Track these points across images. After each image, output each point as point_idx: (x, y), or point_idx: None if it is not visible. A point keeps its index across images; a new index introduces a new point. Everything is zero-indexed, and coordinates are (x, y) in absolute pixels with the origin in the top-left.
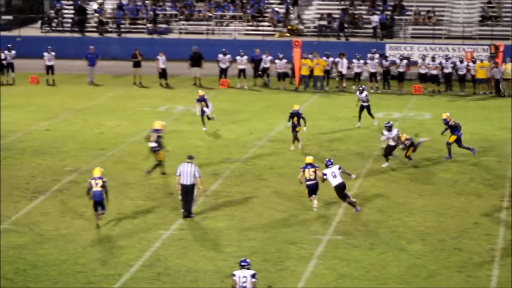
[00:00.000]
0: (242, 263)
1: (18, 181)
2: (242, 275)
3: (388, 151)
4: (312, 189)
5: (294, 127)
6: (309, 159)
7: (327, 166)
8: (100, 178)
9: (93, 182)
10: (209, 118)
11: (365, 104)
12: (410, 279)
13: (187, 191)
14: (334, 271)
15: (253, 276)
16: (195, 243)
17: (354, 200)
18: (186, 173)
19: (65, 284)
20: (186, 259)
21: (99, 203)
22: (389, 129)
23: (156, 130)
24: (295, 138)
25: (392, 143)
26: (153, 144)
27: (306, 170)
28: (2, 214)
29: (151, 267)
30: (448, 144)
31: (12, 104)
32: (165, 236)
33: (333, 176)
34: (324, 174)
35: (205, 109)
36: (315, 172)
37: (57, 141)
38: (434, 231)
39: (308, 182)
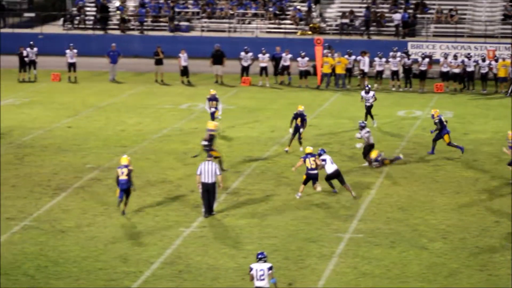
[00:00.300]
0: (259, 256)
1: (40, 178)
2: (259, 269)
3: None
4: (314, 178)
5: (296, 129)
6: (308, 149)
7: (320, 155)
8: (126, 166)
9: (119, 170)
10: (214, 118)
11: (368, 104)
12: (431, 278)
13: (209, 190)
14: (355, 269)
15: (269, 268)
16: (216, 241)
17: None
18: (207, 171)
19: (86, 281)
20: (207, 257)
21: (125, 191)
22: (361, 128)
23: (210, 130)
24: (294, 139)
25: (370, 142)
26: (204, 143)
27: (307, 160)
28: (24, 211)
29: (172, 265)
30: (448, 144)
31: (34, 101)
32: (186, 234)
33: (331, 162)
34: (324, 160)
35: (213, 109)
36: (315, 161)
37: (79, 138)
38: (455, 229)
39: (310, 171)
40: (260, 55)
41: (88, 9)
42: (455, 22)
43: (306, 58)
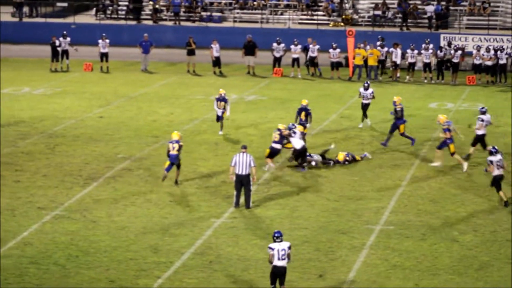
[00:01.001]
0: (276, 235)
1: (71, 167)
2: (281, 248)
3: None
4: (275, 152)
5: (301, 124)
6: (280, 126)
7: (290, 129)
8: (177, 141)
9: (170, 145)
10: (221, 119)
11: (366, 101)
12: (462, 270)
13: (243, 181)
14: (386, 261)
15: (289, 247)
16: (246, 232)
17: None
18: (242, 163)
19: (117, 271)
20: (238, 248)
21: (174, 164)
22: (293, 133)
23: (302, 133)
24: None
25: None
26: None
27: (274, 133)
28: (55, 201)
29: (202, 255)
30: (402, 134)
31: (66, 91)
32: (217, 224)
33: (300, 137)
34: (294, 132)
35: (221, 110)
36: (280, 135)
37: (111, 128)
38: (486, 222)
39: (273, 144)
40: (292, 46)
41: None
42: (488, 15)
43: (338, 50)
